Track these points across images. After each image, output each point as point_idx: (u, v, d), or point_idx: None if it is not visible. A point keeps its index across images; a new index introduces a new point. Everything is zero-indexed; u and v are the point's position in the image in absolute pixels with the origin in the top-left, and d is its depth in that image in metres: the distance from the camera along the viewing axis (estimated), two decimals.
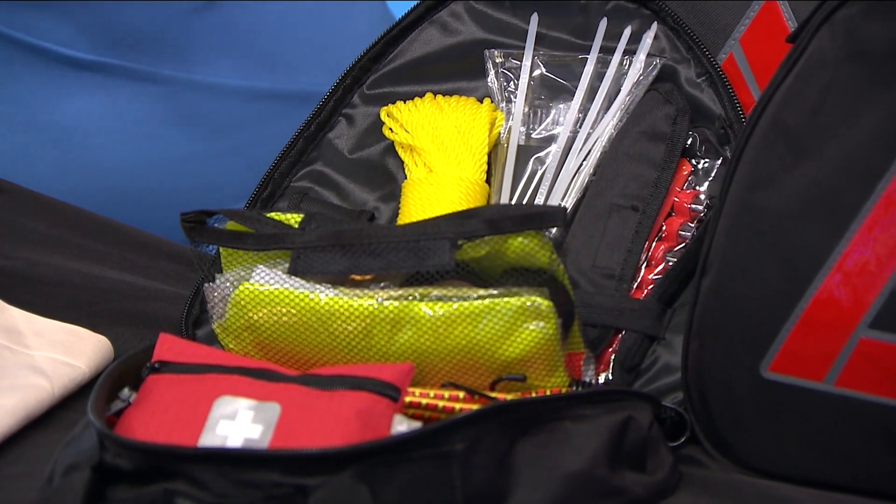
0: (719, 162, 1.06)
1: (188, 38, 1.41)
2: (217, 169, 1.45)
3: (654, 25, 1.10)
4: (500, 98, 1.12)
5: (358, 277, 0.93)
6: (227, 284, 0.94)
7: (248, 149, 1.43)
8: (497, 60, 1.13)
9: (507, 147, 1.10)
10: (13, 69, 1.42)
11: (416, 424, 0.84)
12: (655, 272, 1.04)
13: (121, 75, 1.41)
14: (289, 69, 1.47)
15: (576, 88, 1.10)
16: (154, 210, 1.35)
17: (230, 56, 1.43)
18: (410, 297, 0.91)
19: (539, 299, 0.90)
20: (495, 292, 0.90)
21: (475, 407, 0.87)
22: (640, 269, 1.04)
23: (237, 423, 0.83)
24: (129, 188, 1.43)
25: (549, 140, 1.10)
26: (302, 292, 0.91)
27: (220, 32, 1.42)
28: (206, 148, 1.44)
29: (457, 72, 1.14)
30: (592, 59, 1.10)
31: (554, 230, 0.92)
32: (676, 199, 1.05)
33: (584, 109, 1.09)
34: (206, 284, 0.96)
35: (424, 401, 0.88)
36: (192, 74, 1.42)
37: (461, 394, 0.90)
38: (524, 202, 1.08)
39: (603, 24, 1.11)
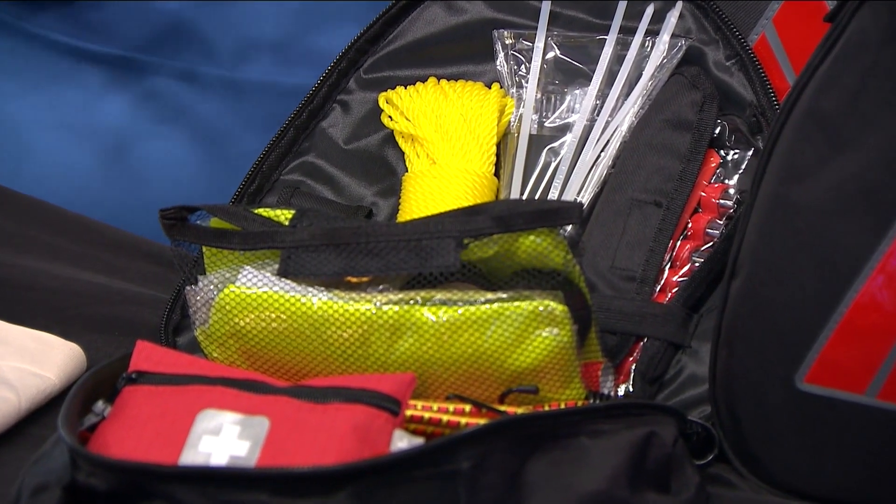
0: (750, 153, 1.06)
1: (217, 32, 1.42)
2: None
3: (679, 3, 1.10)
4: (509, 83, 1.12)
5: (354, 280, 0.93)
6: (211, 287, 0.94)
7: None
8: (507, 42, 1.13)
9: (518, 137, 1.10)
10: (28, 63, 1.42)
11: (419, 441, 0.84)
12: (680, 274, 1.04)
13: (148, 70, 1.43)
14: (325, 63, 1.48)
15: (593, 72, 1.10)
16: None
17: (262, 51, 1.44)
18: (412, 302, 0.91)
19: (553, 303, 0.90)
20: (505, 296, 0.90)
21: (482, 422, 0.87)
22: (664, 270, 1.04)
23: (222, 438, 0.83)
24: (150, 189, 1.44)
25: (564, 129, 1.10)
26: (293, 296, 0.91)
27: (250, 27, 1.43)
28: (226, 147, 1.45)
29: (463, 54, 1.14)
30: (611, 40, 1.10)
31: (569, 228, 0.91)
32: (703, 194, 1.05)
33: (603, 95, 1.10)
34: (187, 287, 0.96)
35: (427, 415, 0.88)
36: (222, 70, 1.43)
37: (467, 407, 0.90)
38: (536, 197, 1.08)
39: (623, 1, 1.11)
